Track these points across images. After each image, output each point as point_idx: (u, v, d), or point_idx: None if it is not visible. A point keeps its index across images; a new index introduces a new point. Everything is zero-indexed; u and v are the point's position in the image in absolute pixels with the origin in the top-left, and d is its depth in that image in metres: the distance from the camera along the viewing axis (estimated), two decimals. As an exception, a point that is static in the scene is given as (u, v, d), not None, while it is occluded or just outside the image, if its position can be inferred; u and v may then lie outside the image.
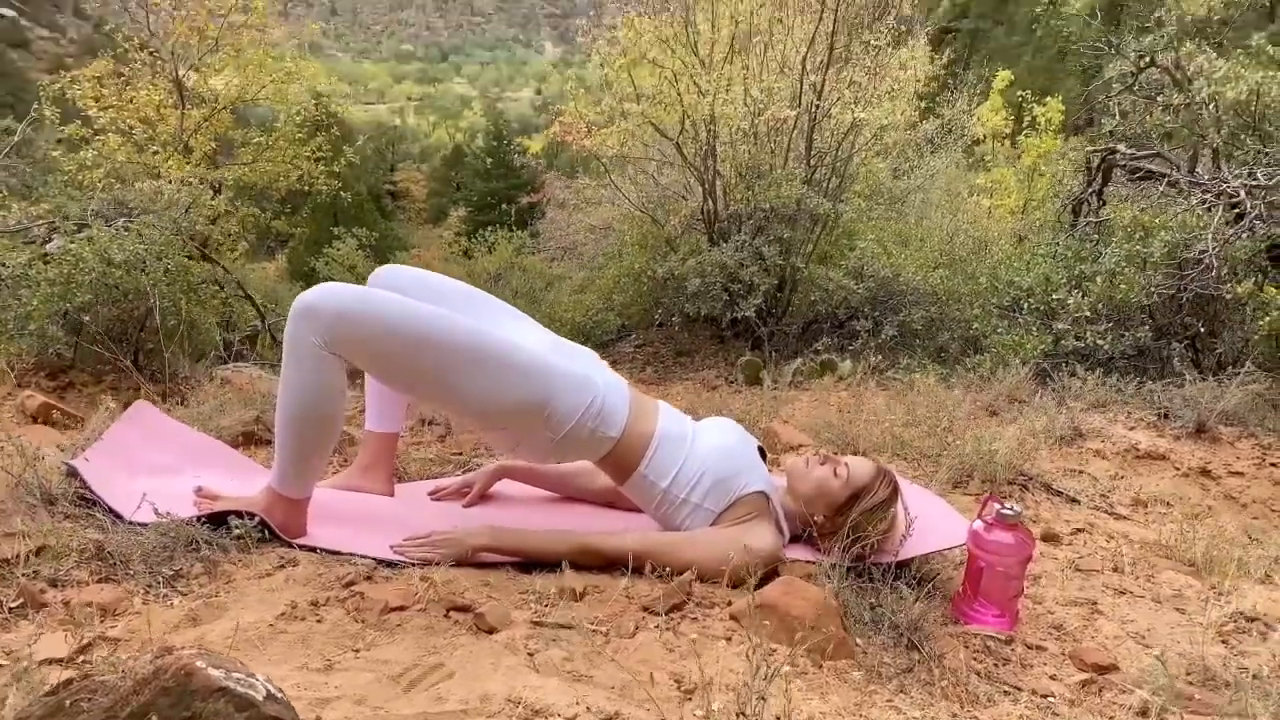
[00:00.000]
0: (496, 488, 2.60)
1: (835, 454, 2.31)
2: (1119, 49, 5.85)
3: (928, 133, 12.25)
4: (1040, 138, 14.07)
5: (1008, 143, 15.54)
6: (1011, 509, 2.17)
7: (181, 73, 10.37)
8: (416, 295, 2.14)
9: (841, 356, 5.75)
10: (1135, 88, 5.77)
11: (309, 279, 24.51)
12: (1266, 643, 2.15)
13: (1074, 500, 3.10)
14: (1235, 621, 2.25)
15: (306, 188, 11.70)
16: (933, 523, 2.32)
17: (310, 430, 2.01)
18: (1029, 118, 14.37)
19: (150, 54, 10.30)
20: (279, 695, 1.15)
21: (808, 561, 2.21)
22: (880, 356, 5.51)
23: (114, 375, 4.70)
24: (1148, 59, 5.55)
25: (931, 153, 11.86)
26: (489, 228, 16.53)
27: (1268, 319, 4.22)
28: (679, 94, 6.36)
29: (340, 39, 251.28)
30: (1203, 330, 4.67)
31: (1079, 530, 2.82)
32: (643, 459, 2.17)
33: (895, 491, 2.24)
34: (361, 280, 2.30)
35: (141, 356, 4.89)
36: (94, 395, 4.56)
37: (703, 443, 2.24)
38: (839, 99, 6.60)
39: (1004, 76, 15.88)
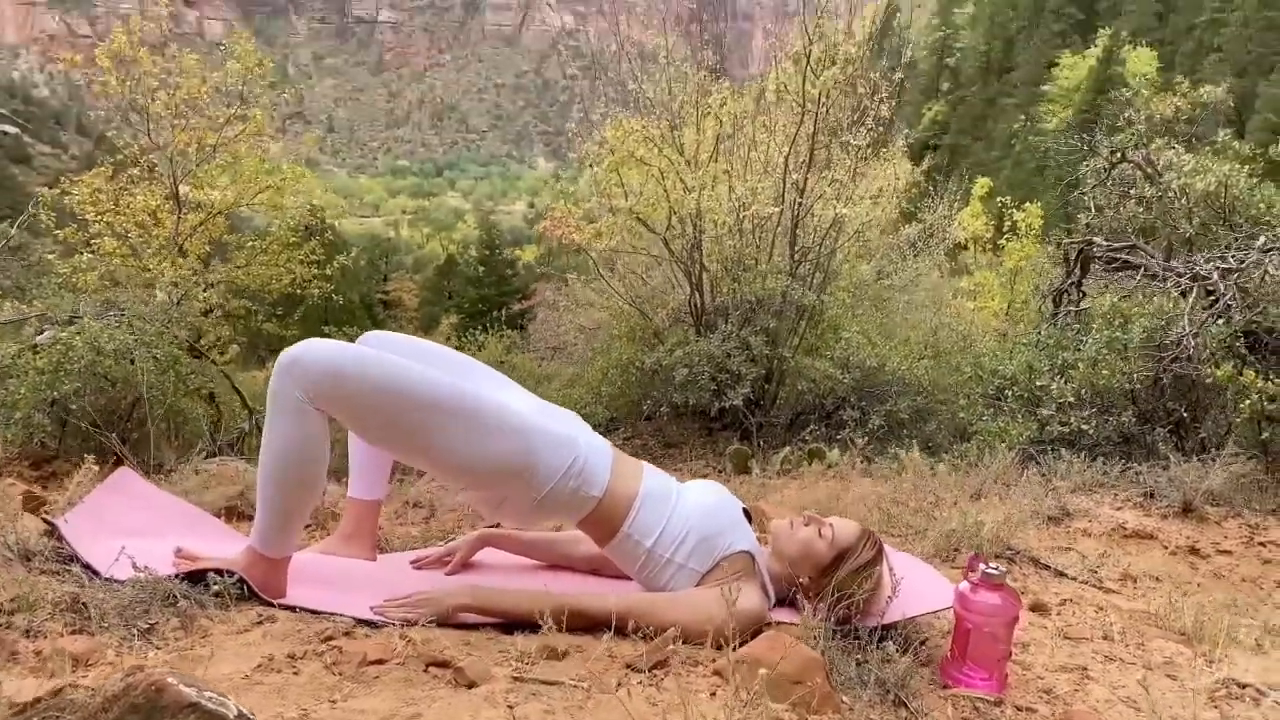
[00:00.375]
0: (479, 556, 2.58)
1: (817, 516, 2.30)
2: (1093, 147, 6.07)
3: (910, 237, 12.52)
4: (1021, 243, 14.39)
5: (989, 248, 15.88)
6: (996, 569, 2.17)
7: (179, 179, 10.61)
8: (402, 355, 2.16)
9: (830, 445, 5.76)
10: (1109, 182, 5.96)
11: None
12: (1259, 708, 2.12)
13: (1061, 574, 3.08)
14: (1227, 688, 2.22)
15: (299, 291, 11.85)
16: (919, 586, 2.31)
17: (292, 486, 2.01)
18: (1009, 223, 14.72)
19: (148, 162, 10.56)
20: (251, 716, 1.13)
21: (793, 624, 2.18)
22: (868, 444, 5.54)
23: (99, 465, 4.68)
24: (1120, 155, 5.76)
25: (915, 256, 12.09)
26: (481, 333, 16.69)
27: (1247, 403, 4.26)
28: (665, 191, 6.53)
29: (337, 154, 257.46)
30: (1185, 415, 4.71)
31: (1067, 601, 2.80)
32: (626, 518, 2.17)
33: (880, 552, 2.23)
34: None
35: (127, 446, 4.87)
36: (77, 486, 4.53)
37: (687, 501, 2.24)
38: (821, 196, 6.78)
39: (983, 184, 16.36)
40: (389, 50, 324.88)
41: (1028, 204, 14.92)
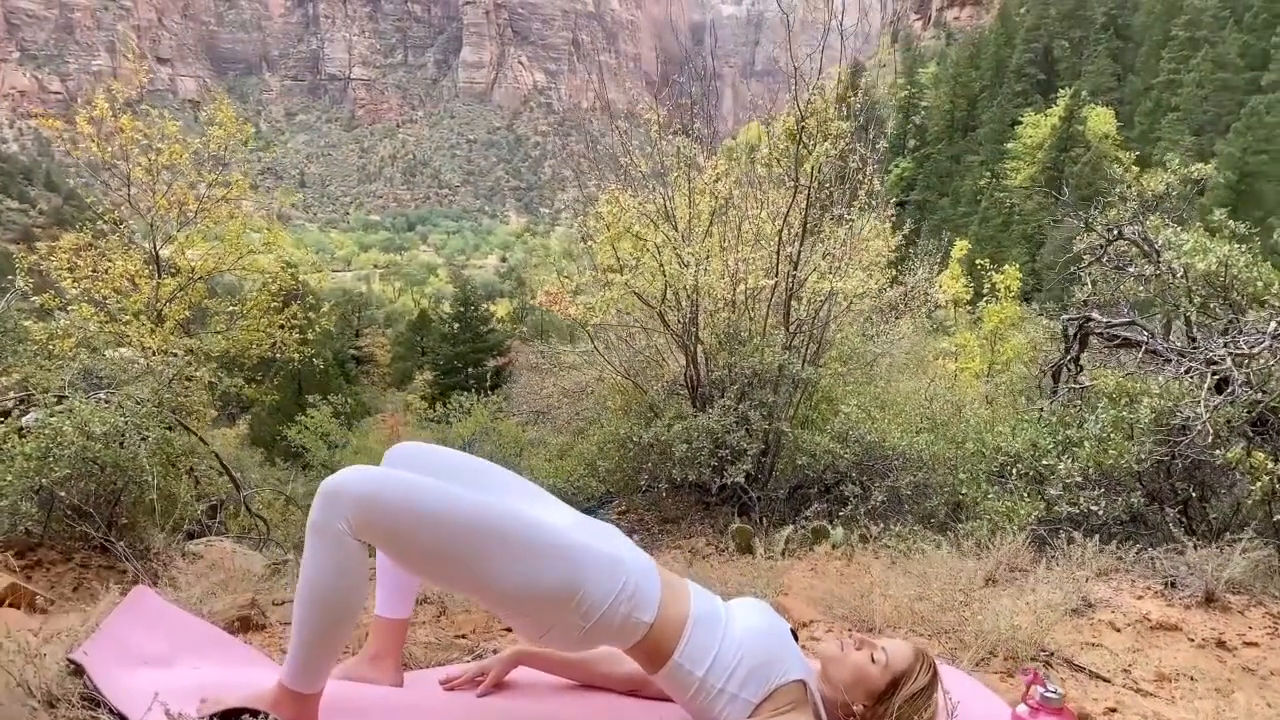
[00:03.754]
0: (512, 675, 2.47)
1: (868, 638, 2.22)
2: (1088, 223, 6.13)
3: (891, 299, 12.60)
4: (1000, 304, 14.53)
5: (968, 308, 16.03)
6: (1055, 691, 2.10)
7: (158, 244, 10.50)
8: (435, 474, 2.09)
9: (832, 523, 5.69)
10: (1104, 259, 6.01)
11: (271, 445, 24.25)
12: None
13: (1098, 677, 3.01)
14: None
15: (278, 355, 11.70)
16: (974, 709, 2.23)
17: (328, 619, 1.91)
18: (989, 285, 14.87)
19: (127, 229, 10.45)
20: None
21: (850, 754, 2.09)
22: (871, 523, 5.47)
23: (84, 552, 4.52)
24: (1116, 231, 5.81)
25: (896, 319, 12.16)
26: (457, 391, 16.57)
27: (1259, 484, 4.24)
28: (661, 265, 6.52)
29: (309, 209, 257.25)
30: (1194, 495, 4.68)
31: (1112, 710, 2.73)
32: (678, 645, 2.07)
33: (935, 676, 2.16)
34: (346, 452, 2.25)
35: (114, 531, 4.71)
36: (62, 574, 4.37)
37: (738, 626, 2.16)
38: (815, 269, 6.80)
39: (962, 246, 16.55)
40: (361, 107, 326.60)
41: (1006, 266, 15.10)
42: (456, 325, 41.84)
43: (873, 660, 2.14)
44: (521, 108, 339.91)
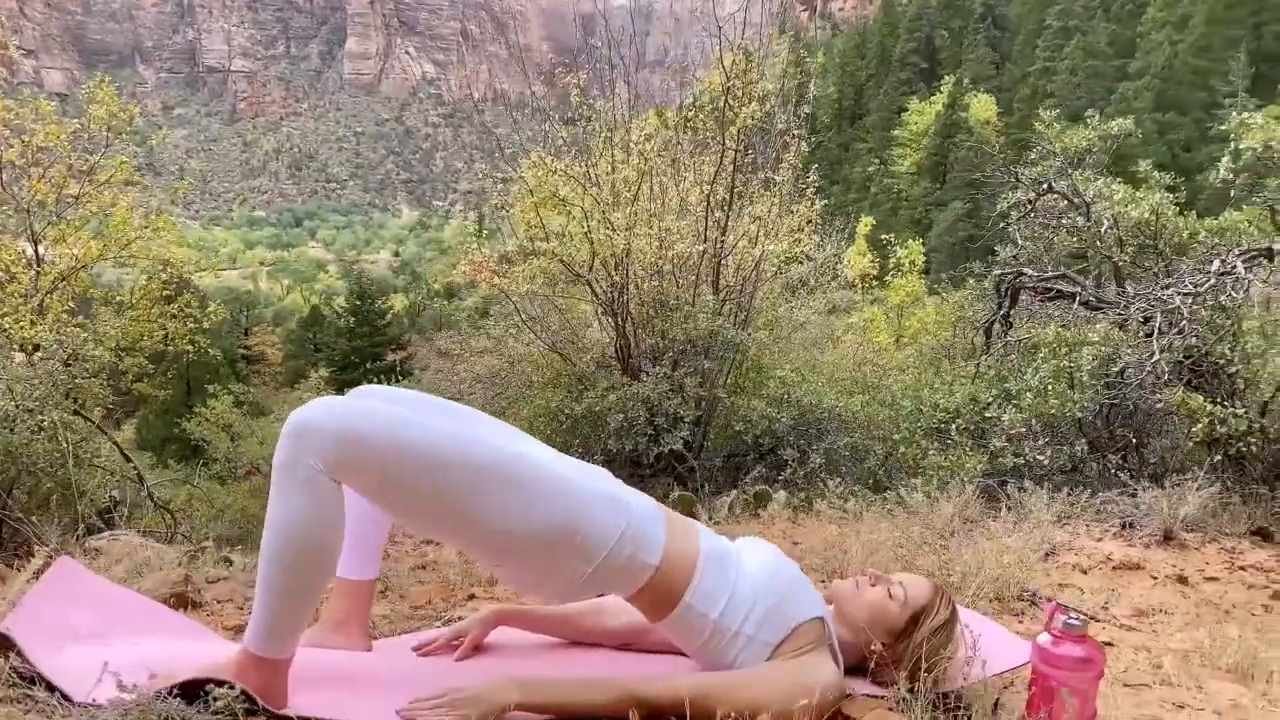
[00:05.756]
0: (492, 637, 2.24)
1: (883, 574, 2.08)
2: (1016, 178, 6.17)
3: (802, 274, 12.65)
4: (905, 278, 14.77)
5: (874, 283, 16.28)
6: (1078, 618, 2.00)
7: (38, 229, 9.81)
8: (411, 410, 1.86)
9: (773, 487, 5.60)
10: (1033, 214, 6.07)
11: (160, 448, 23.15)
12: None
13: (1086, 615, 2.95)
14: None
15: (170, 347, 11.09)
16: (991, 642, 2.11)
17: (303, 572, 1.67)
18: (894, 260, 15.11)
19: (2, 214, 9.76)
20: None
21: (873, 696, 1.95)
22: (811, 485, 5.41)
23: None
24: (1046, 186, 5.86)
25: (809, 294, 12.21)
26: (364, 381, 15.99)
27: (1199, 426, 4.29)
28: (588, 232, 6.32)
29: (190, 206, 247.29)
30: (1133, 441, 4.73)
31: (1107, 644, 2.67)
32: (688, 587, 1.89)
33: (955, 610, 2.03)
34: (251, 443, 2.00)
35: (3, 528, 4.29)
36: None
37: (750, 563, 1.99)
38: (744, 234, 6.71)
39: (867, 222, 16.79)
40: (243, 100, 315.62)
41: (910, 241, 15.38)
42: (353, 319, 40.77)
43: (890, 596, 2.01)
44: (410, 99, 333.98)
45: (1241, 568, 3.67)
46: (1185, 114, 54.51)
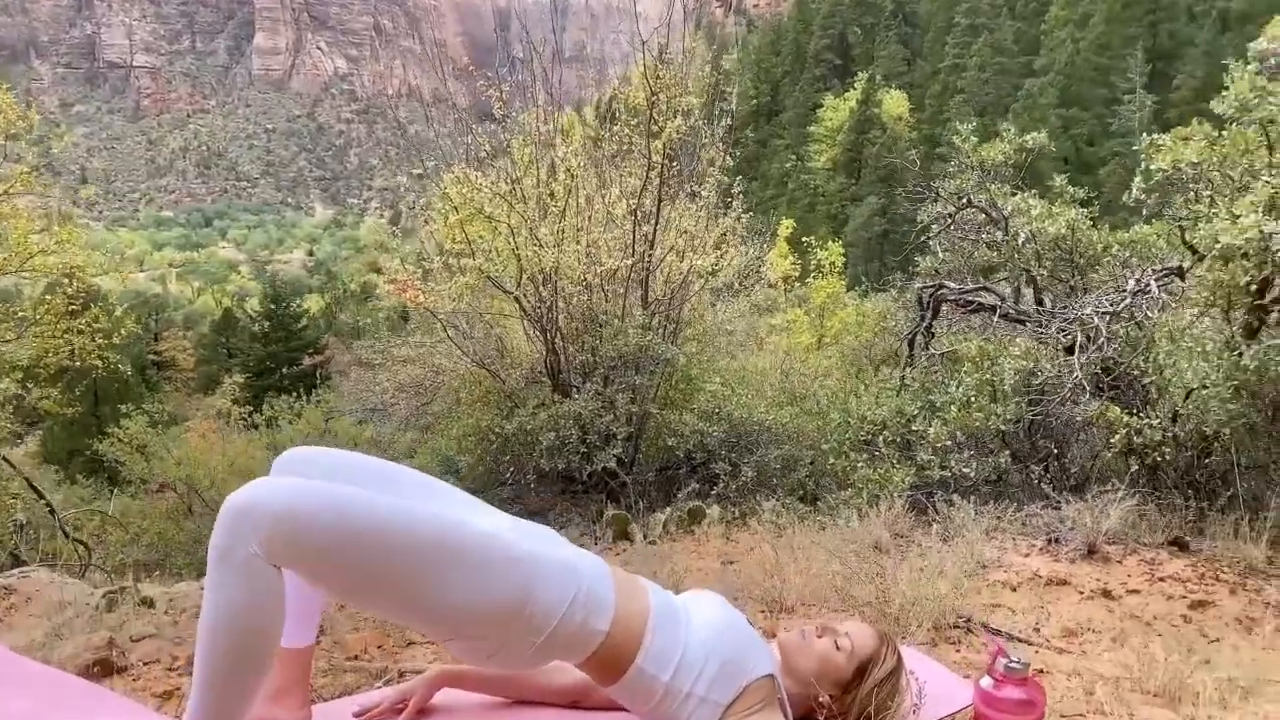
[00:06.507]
0: (438, 699, 2.20)
1: (829, 623, 2.09)
2: (936, 192, 6.29)
3: (727, 278, 12.74)
4: (826, 280, 14.97)
5: (796, 285, 16.47)
6: (1019, 661, 2.04)
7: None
8: (344, 481, 1.80)
9: (706, 502, 5.62)
10: (953, 227, 6.19)
11: (67, 462, 22.28)
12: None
13: (1018, 640, 3.03)
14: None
15: (78, 363, 10.65)
16: (934, 687, 2.14)
17: (245, 661, 1.61)
18: (814, 262, 15.31)
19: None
20: None
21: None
22: (743, 499, 5.45)
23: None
24: (965, 200, 5.98)
25: (733, 296, 12.30)
26: (272, 393, 15.66)
27: (1117, 437, 4.43)
28: (515, 248, 6.25)
29: (93, 207, 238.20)
30: (1055, 452, 4.86)
31: (1040, 671, 2.73)
32: (639, 649, 1.86)
33: (900, 658, 2.05)
34: (168, 463, 1.93)
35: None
36: None
37: (699, 621, 1.97)
38: (671, 247, 6.71)
39: (787, 224, 16.97)
40: (147, 96, 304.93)
41: (830, 243, 15.60)
42: (267, 324, 39.72)
43: (837, 647, 2.01)
44: (322, 95, 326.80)
45: (1161, 579, 3.80)
46: (1088, 109, 56.60)
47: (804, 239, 15.76)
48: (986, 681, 2.08)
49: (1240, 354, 4.16)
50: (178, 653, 2.79)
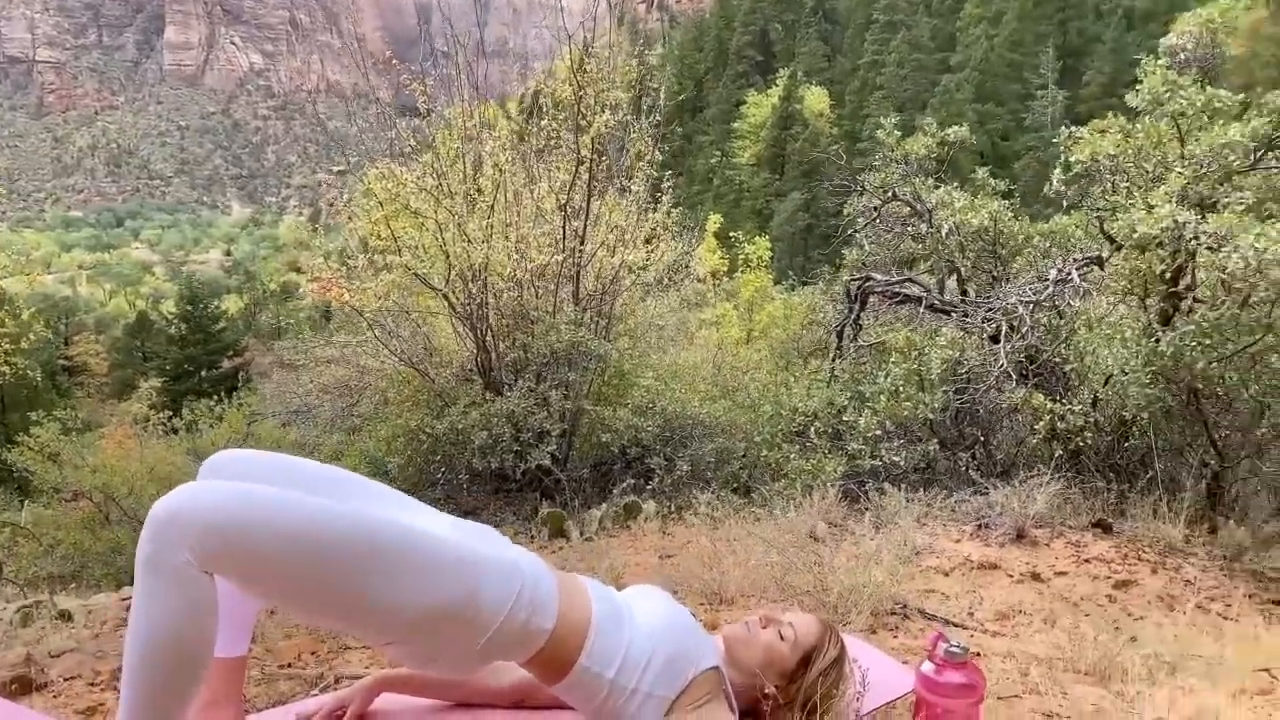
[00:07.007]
0: (377, 704, 2.14)
1: (772, 614, 2.10)
2: (862, 185, 6.37)
3: (658, 273, 12.74)
4: (754, 274, 15.10)
5: (724, 279, 16.58)
6: (959, 646, 2.07)
7: None
8: (280, 484, 1.74)
9: (642, 497, 5.62)
10: (878, 220, 6.28)
11: (-26, 474, 21.35)
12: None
13: (954, 624, 3.07)
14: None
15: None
16: (875, 673, 2.16)
17: (177, 674, 1.54)
18: (742, 257, 15.42)
19: None
20: None
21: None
22: (678, 493, 5.45)
23: None
24: (890, 193, 6.07)
25: (664, 291, 12.31)
26: (191, 396, 15.25)
27: (1042, 423, 4.53)
28: (443, 244, 6.15)
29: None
30: (981, 439, 4.96)
31: (976, 654, 2.78)
32: (583, 648, 1.84)
33: (843, 646, 2.06)
34: (83, 471, 1.86)
35: None
36: None
37: (642, 616, 1.96)
38: (602, 243, 6.69)
39: (715, 219, 17.07)
40: (51, 92, 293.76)
41: (756, 238, 15.73)
42: (184, 326, 38.62)
43: (781, 638, 2.02)
44: (238, 91, 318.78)
45: (1087, 560, 3.91)
46: (1002, 105, 58.05)
47: (731, 234, 15.89)
48: (928, 667, 2.09)
49: (1157, 340, 4.29)
50: (100, 667, 2.69)
